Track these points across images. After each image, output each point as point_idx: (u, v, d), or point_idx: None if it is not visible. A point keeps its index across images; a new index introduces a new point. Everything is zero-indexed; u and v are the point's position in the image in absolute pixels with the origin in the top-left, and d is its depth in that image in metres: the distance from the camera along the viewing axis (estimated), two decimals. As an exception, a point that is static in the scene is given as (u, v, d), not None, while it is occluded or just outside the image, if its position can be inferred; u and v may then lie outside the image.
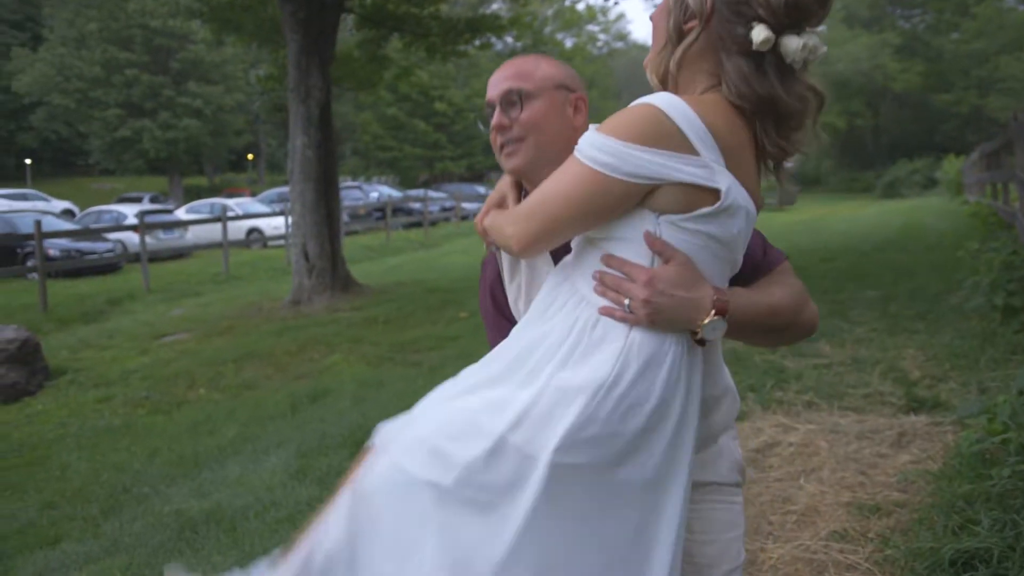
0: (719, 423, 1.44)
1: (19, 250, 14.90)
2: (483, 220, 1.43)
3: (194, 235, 18.71)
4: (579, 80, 1.51)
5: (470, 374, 1.29)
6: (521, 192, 1.47)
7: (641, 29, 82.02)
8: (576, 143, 1.27)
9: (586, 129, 1.37)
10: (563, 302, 1.25)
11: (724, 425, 1.46)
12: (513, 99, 1.42)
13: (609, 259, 1.21)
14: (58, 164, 44.83)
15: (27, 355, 6.92)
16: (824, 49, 1.19)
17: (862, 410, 4.15)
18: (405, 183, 36.83)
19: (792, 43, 1.17)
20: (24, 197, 27.37)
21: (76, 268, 14.61)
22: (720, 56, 1.21)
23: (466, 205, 25.48)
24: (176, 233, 18.49)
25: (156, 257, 15.98)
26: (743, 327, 1.27)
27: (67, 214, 24.09)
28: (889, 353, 5.13)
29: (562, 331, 1.21)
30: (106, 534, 3.72)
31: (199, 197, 31.95)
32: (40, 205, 25.46)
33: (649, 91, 1.26)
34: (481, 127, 1.49)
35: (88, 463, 4.91)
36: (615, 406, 1.13)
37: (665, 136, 1.14)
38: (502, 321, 1.53)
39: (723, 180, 1.16)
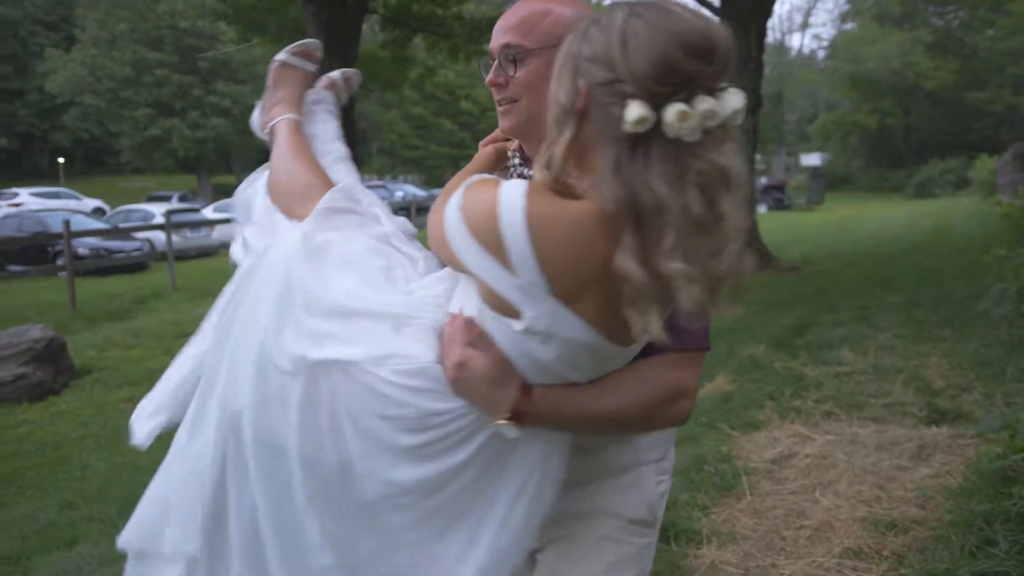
0: (612, 461, 1.36)
1: (49, 248, 15.15)
2: (482, 147, 1.45)
3: (220, 234, 18.90)
4: None
5: (366, 256, 1.27)
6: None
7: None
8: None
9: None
10: (435, 295, 1.21)
11: (626, 463, 1.37)
12: (510, 56, 1.30)
13: (454, 319, 1.15)
14: (90, 163, 45.60)
15: (53, 354, 7.01)
16: (734, 107, 0.98)
17: (882, 420, 4.08)
18: (431, 182, 36.95)
19: (669, 114, 0.96)
20: (56, 195, 27.90)
21: (104, 267, 14.82)
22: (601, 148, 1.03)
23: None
24: (203, 232, 18.74)
25: (183, 256, 16.15)
26: (561, 428, 1.18)
27: (98, 212, 24.48)
28: (912, 361, 5.03)
29: (418, 307, 1.18)
30: (122, 536, 3.75)
31: (229, 196, 32.06)
32: (72, 203, 25.89)
33: None
34: (482, 74, 1.38)
35: (108, 463, 4.95)
36: (384, 389, 1.11)
37: (488, 240, 1.03)
38: None
39: (532, 308, 1.03)
